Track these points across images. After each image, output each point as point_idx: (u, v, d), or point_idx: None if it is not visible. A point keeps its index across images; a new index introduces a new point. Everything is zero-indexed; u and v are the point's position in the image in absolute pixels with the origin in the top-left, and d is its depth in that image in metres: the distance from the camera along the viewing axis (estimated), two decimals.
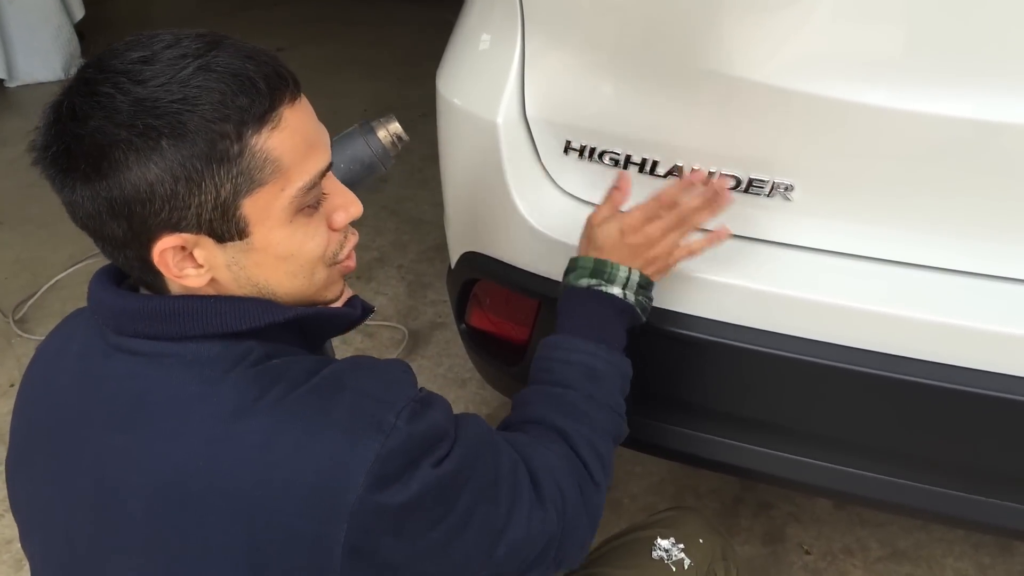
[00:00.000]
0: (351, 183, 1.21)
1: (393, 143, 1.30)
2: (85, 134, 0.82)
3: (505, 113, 1.42)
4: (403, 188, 3.52)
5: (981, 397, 1.26)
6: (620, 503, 2.08)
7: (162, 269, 0.89)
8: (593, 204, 1.44)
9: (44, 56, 4.58)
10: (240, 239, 0.89)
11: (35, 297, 2.87)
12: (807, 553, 1.96)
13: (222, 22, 5.34)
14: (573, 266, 1.26)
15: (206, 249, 0.89)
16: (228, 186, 0.85)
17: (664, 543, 1.31)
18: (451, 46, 1.59)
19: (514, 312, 1.58)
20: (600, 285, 1.23)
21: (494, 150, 1.44)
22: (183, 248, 0.88)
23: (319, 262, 0.95)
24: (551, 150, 1.44)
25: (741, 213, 1.34)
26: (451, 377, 2.51)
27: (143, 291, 0.96)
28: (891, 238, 1.31)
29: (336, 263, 0.99)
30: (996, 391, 1.25)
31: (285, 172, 0.87)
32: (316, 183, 0.91)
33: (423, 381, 2.51)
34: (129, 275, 0.96)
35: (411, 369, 1.01)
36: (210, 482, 0.85)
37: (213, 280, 0.92)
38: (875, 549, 1.96)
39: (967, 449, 1.36)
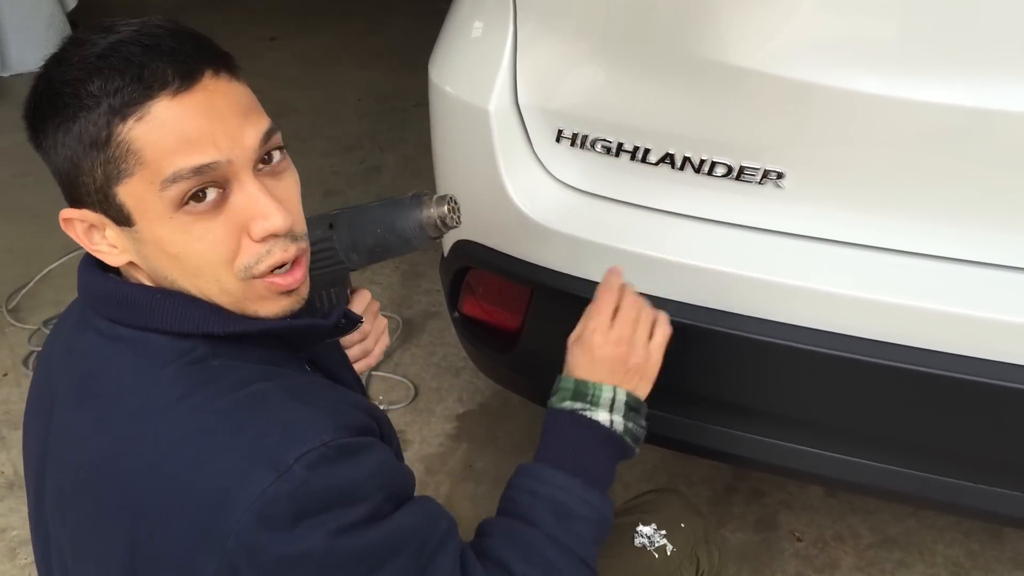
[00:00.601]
0: (383, 250, 1.17)
1: (436, 225, 1.16)
2: (47, 103, 0.87)
3: (497, 101, 1.43)
4: (397, 177, 3.52)
5: (972, 384, 1.27)
6: (612, 491, 2.08)
7: (73, 238, 0.91)
8: (585, 192, 1.44)
9: (37, 45, 4.55)
10: (129, 226, 0.88)
11: (28, 287, 2.87)
12: (799, 540, 1.97)
13: (215, 11, 5.32)
14: (556, 387, 1.16)
15: (113, 230, 0.89)
16: (100, 171, 0.85)
17: (646, 529, 1.27)
18: (443, 34, 1.59)
19: (506, 300, 1.59)
20: (585, 409, 1.12)
21: (486, 138, 1.44)
22: (92, 226, 0.90)
23: (221, 269, 0.88)
24: (543, 138, 1.44)
25: (732, 200, 1.34)
26: (445, 366, 2.52)
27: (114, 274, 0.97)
28: (882, 226, 1.31)
29: (253, 276, 0.90)
30: (987, 378, 1.26)
31: (149, 165, 0.84)
32: (181, 177, 0.84)
33: (417, 370, 2.53)
34: None
35: (372, 415, 0.95)
36: (115, 473, 0.86)
37: (133, 264, 0.92)
38: (866, 536, 1.97)
39: (958, 436, 1.37)
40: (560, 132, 1.42)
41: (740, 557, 1.93)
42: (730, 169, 1.32)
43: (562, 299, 1.46)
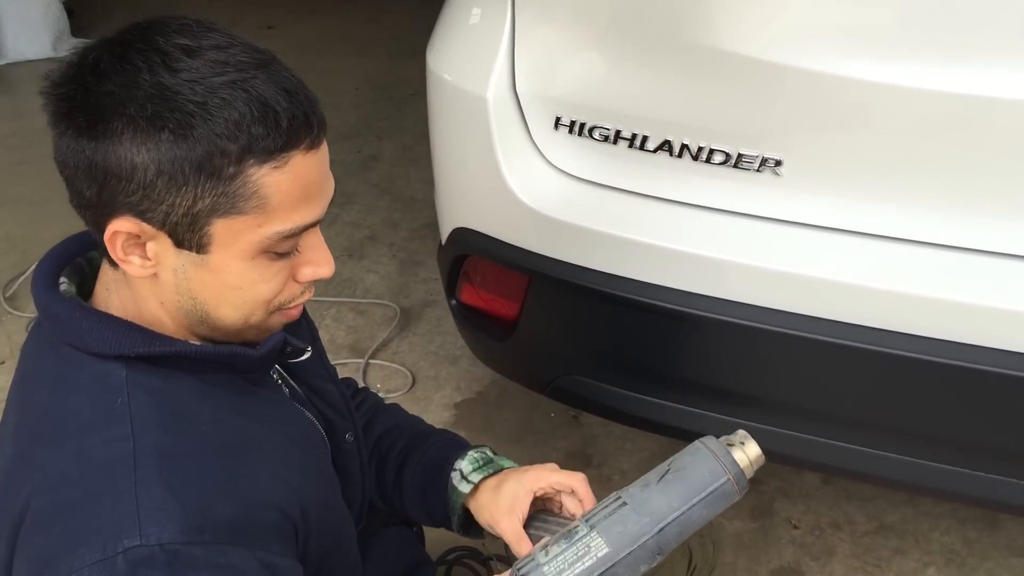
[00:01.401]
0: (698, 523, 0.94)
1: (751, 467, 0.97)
2: (96, 92, 0.81)
3: (495, 88, 1.42)
4: (395, 166, 3.52)
5: (969, 371, 1.28)
6: (610, 480, 2.09)
7: (108, 248, 0.85)
8: (583, 179, 1.44)
9: (33, 34, 4.55)
10: (198, 253, 0.85)
11: (26, 275, 2.86)
12: (795, 527, 1.98)
13: (213, 1, 5.31)
14: None
15: (161, 246, 0.85)
16: (207, 200, 0.82)
17: None
18: (441, 21, 1.59)
19: (504, 288, 1.59)
20: None
21: (484, 125, 1.44)
22: (137, 236, 0.84)
23: (263, 305, 0.90)
24: (541, 125, 1.44)
25: (730, 188, 1.34)
26: (442, 354, 2.52)
27: (65, 281, 0.94)
28: (880, 213, 1.31)
29: (279, 310, 0.92)
30: (984, 365, 1.26)
31: (268, 212, 0.84)
32: (296, 234, 0.87)
33: (414, 358, 2.53)
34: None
35: (286, 506, 0.89)
36: (7, 485, 0.86)
37: (155, 276, 0.87)
38: (862, 523, 1.97)
39: (956, 423, 1.37)
40: (558, 119, 1.42)
41: (737, 544, 1.93)
42: (728, 156, 1.32)
43: (560, 286, 1.47)
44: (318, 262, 0.91)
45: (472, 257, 1.61)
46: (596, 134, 1.39)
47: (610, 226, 1.40)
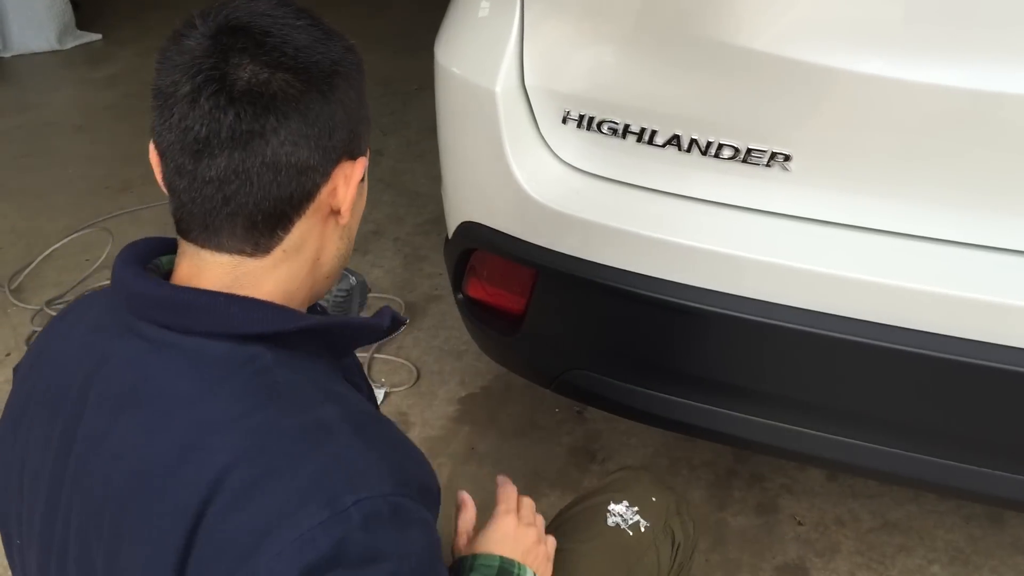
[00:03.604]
0: None
1: None
2: (292, 51, 0.86)
3: (504, 82, 1.42)
4: (400, 161, 3.51)
5: (976, 367, 1.28)
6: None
7: (340, 193, 0.91)
8: (591, 174, 1.44)
9: (38, 26, 4.55)
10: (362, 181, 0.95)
11: (31, 267, 2.87)
12: (800, 524, 1.98)
13: None
14: (471, 564, 1.08)
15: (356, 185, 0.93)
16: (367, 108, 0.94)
17: (618, 508, 1.27)
18: (449, 14, 1.58)
19: (511, 282, 1.59)
20: None
21: (492, 119, 1.44)
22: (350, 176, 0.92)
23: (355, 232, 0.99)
24: (549, 119, 1.44)
25: (739, 183, 1.34)
26: (447, 349, 2.52)
27: (156, 277, 0.93)
28: (889, 209, 1.31)
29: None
30: (992, 361, 1.26)
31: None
32: None
33: (419, 353, 2.53)
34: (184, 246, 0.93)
35: (431, 472, 0.93)
36: (172, 480, 0.83)
37: (338, 225, 0.94)
38: (867, 520, 1.97)
39: (963, 419, 1.37)
40: (567, 113, 1.42)
41: (741, 540, 1.94)
42: (737, 151, 1.32)
43: (567, 281, 1.47)
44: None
45: (479, 251, 1.61)
46: (605, 128, 1.39)
47: (618, 221, 1.40)
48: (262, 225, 0.88)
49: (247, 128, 0.84)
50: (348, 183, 0.91)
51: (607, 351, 1.56)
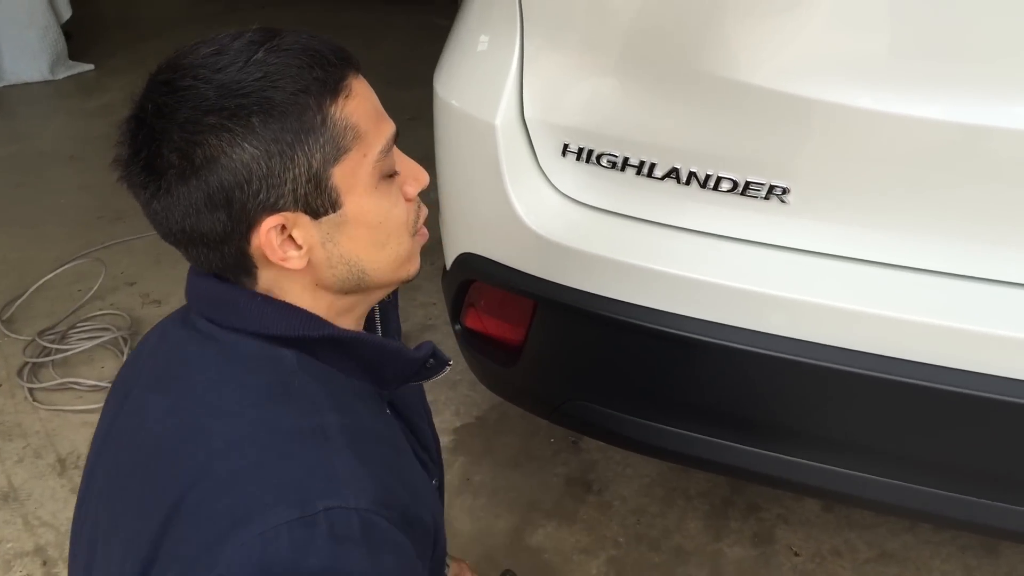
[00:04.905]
0: None
1: None
2: (175, 128, 0.84)
3: (503, 115, 1.43)
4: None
5: (974, 399, 1.28)
6: (610, 505, 2.09)
7: (268, 253, 0.89)
8: (590, 206, 1.45)
9: (31, 56, 4.56)
10: (334, 211, 0.89)
11: (23, 298, 2.86)
12: (796, 555, 1.97)
13: (211, 23, 5.32)
14: None
15: (304, 228, 0.89)
16: (318, 155, 0.87)
17: None
18: (449, 47, 1.60)
19: (510, 313, 1.59)
20: None
21: (492, 152, 1.44)
22: (283, 228, 0.89)
23: (404, 229, 0.96)
24: (549, 152, 1.45)
25: (737, 215, 1.35)
26: (441, 379, 2.48)
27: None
28: (887, 241, 1.32)
29: (416, 232, 0.99)
30: (990, 392, 1.27)
31: (364, 137, 0.89)
32: (391, 147, 0.93)
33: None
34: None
35: (432, 511, 0.94)
36: (173, 459, 0.87)
37: (309, 263, 0.92)
38: (863, 551, 1.97)
39: (960, 450, 1.38)
40: (566, 146, 1.43)
41: (738, 571, 1.93)
42: (735, 184, 1.33)
43: (566, 312, 1.47)
44: (415, 174, 0.98)
45: (477, 282, 1.62)
46: (604, 161, 1.40)
47: (617, 253, 1.40)
48: (228, 273, 0.93)
49: (150, 198, 0.88)
50: (282, 238, 0.89)
51: (606, 382, 1.56)
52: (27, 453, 2.25)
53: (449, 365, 1.06)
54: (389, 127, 0.94)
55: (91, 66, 4.73)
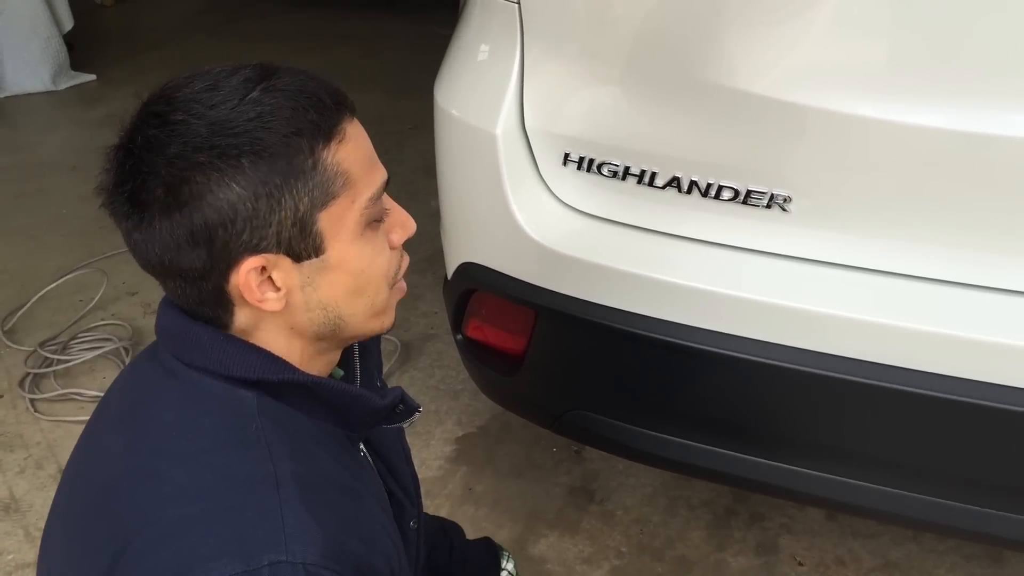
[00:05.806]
0: None
1: None
2: (163, 162, 0.83)
3: (504, 124, 1.43)
4: (395, 200, 3.52)
5: (978, 407, 1.28)
6: (613, 515, 2.08)
7: (245, 294, 0.87)
8: (592, 215, 1.45)
9: (33, 67, 4.57)
10: (316, 256, 0.88)
11: (24, 309, 2.85)
12: (800, 564, 1.96)
13: (211, 35, 5.34)
14: None
15: (284, 271, 0.88)
16: (306, 200, 0.85)
17: None
18: (449, 57, 1.60)
19: (511, 323, 1.59)
20: None
21: (493, 161, 1.44)
22: (263, 269, 0.87)
23: (384, 280, 0.95)
24: (549, 161, 1.45)
25: (739, 224, 1.35)
26: (443, 389, 2.51)
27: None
28: (889, 250, 1.32)
29: (394, 283, 0.98)
30: (994, 401, 1.27)
31: (354, 184, 0.88)
32: (380, 194, 0.92)
33: (415, 393, 2.52)
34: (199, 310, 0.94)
35: (386, 556, 0.92)
36: (125, 502, 0.87)
37: (286, 305, 0.90)
38: (867, 560, 1.97)
39: (962, 459, 1.37)
40: (567, 155, 1.43)
41: None
42: (737, 193, 1.33)
43: (568, 322, 1.47)
44: (403, 222, 0.98)
45: (479, 292, 1.61)
46: (605, 170, 1.40)
47: (619, 262, 1.40)
48: (205, 307, 0.91)
49: (132, 228, 0.87)
50: (261, 279, 0.88)
51: (608, 392, 1.56)
52: (28, 464, 2.24)
53: (419, 411, 1.04)
54: (380, 174, 0.92)
55: (93, 76, 4.73)
